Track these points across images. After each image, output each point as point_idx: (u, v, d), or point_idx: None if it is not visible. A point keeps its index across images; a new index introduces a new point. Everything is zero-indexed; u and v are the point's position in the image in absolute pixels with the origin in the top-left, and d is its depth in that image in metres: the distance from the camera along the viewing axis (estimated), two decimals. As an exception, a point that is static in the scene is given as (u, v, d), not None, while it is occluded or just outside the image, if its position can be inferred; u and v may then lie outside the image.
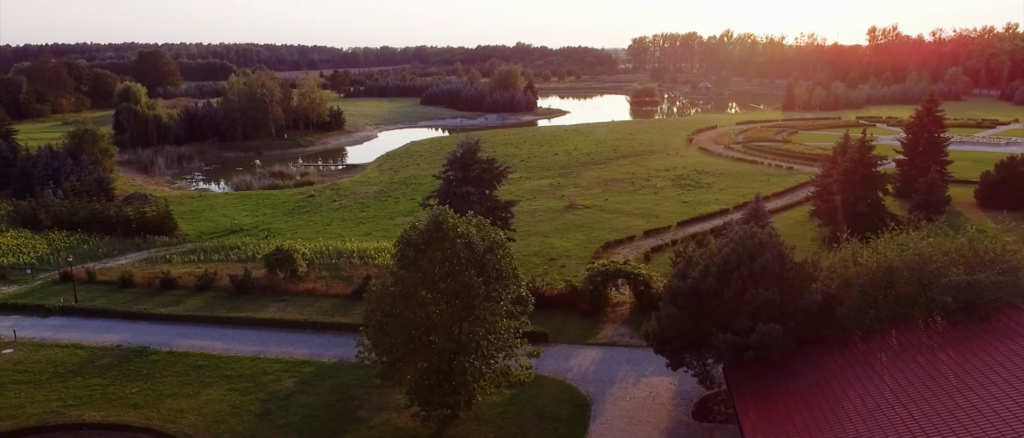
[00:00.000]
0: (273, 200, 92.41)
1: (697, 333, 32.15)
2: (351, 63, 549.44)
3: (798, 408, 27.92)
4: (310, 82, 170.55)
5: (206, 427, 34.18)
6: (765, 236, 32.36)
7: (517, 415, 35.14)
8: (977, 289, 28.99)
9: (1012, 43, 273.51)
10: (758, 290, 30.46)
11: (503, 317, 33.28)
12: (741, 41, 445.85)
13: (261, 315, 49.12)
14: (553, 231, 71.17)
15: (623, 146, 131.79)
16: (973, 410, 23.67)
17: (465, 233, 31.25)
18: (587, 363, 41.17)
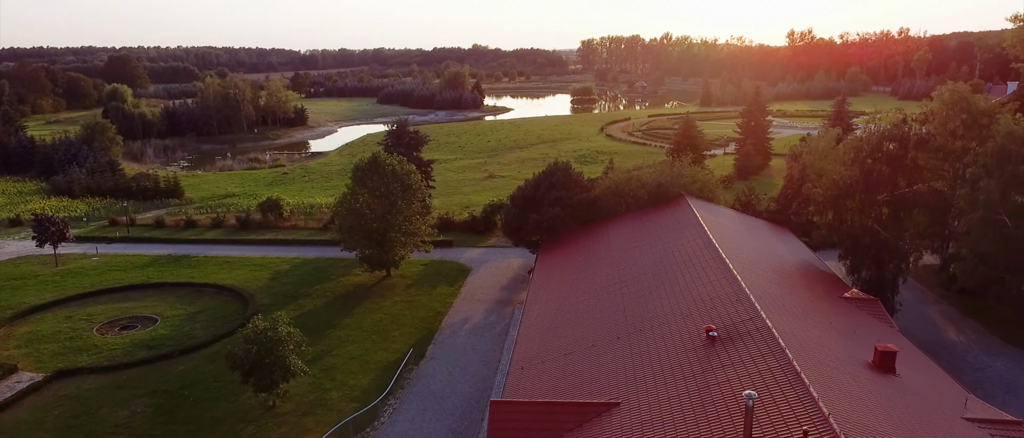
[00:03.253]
0: (254, 176, 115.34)
1: (523, 219, 56.91)
2: (310, 65, 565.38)
3: (565, 256, 52.67)
4: (276, 83, 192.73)
5: (240, 285, 57.72)
6: (562, 164, 57.36)
7: (426, 275, 59.58)
8: (668, 186, 54.36)
9: (904, 46, 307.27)
10: (552, 192, 55.37)
11: (415, 214, 57.60)
12: (679, 43, 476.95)
13: (262, 237, 72.75)
14: (472, 191, 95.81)
15: (546, 135, 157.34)
16: (651, 242, 48.77)
17: (390, 163, 55.59)
18: (474, 254, 65.87)
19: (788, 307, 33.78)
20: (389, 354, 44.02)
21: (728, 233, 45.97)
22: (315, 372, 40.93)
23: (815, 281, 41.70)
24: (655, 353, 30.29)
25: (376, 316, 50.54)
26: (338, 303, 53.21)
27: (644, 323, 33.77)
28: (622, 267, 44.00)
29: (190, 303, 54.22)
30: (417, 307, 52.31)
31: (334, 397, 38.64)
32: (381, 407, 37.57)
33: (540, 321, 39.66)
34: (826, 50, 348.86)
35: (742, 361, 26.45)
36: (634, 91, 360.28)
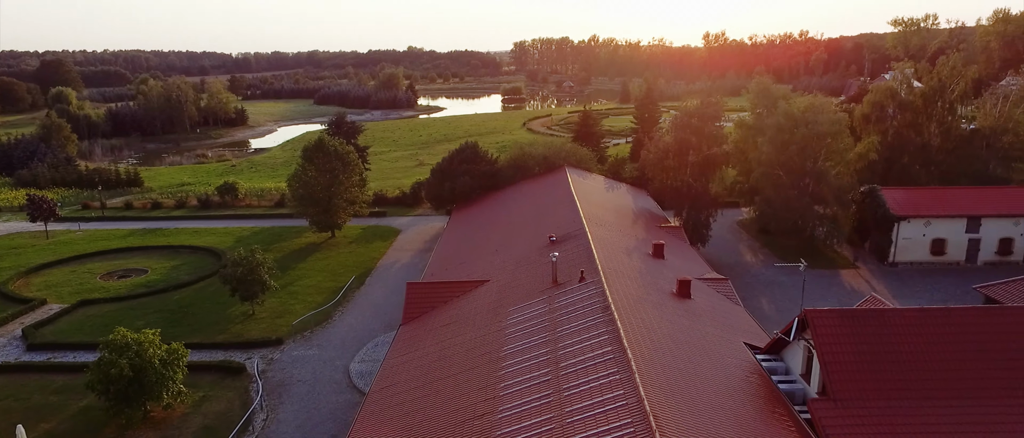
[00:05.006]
0: (204, 169, 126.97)
1: (440, 187, 72.11)
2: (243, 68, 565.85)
3: (472, 212, 68.11)
4: (217, 85, 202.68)
5: (212, 245, 71.04)
6: (471, 143, 72.83)
7: (365, 235, 74.08)
8: (552, 158, 70.40)
9: (805, 47, 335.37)
10: (462, 166, 70.79)
11: (354, 186, 72.05)
12: (605, 45, 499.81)
13: (223, 214, 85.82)
14: (404, 176, 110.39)
15: (474, 130, 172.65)
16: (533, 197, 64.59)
17: (332, 144, 70.02)
18: (404, 220, 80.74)
19: (608, 224, 50.14)
20: (338, 283, 58.57)
21: (588, 190, 62.30)
22: (282, 295, 55.19)
23: (644, 217, 58.35)
24: (515, 253, 46.12)
25: (326, 262, 64.97)
26: (294, 255, 67.34)
27: (513, 239, 49.64)
28: (510, 214, 59.93)
29: (172, 259, 67.45)
30: (358, 255, 66.94)
31: (297, 308, 53.07)
32: (333, 311, 52.27)
33: (447, 248, 55.21)
34: (737, 51, 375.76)
35: (564, 250, 42.28)
36: (562, 91, 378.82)
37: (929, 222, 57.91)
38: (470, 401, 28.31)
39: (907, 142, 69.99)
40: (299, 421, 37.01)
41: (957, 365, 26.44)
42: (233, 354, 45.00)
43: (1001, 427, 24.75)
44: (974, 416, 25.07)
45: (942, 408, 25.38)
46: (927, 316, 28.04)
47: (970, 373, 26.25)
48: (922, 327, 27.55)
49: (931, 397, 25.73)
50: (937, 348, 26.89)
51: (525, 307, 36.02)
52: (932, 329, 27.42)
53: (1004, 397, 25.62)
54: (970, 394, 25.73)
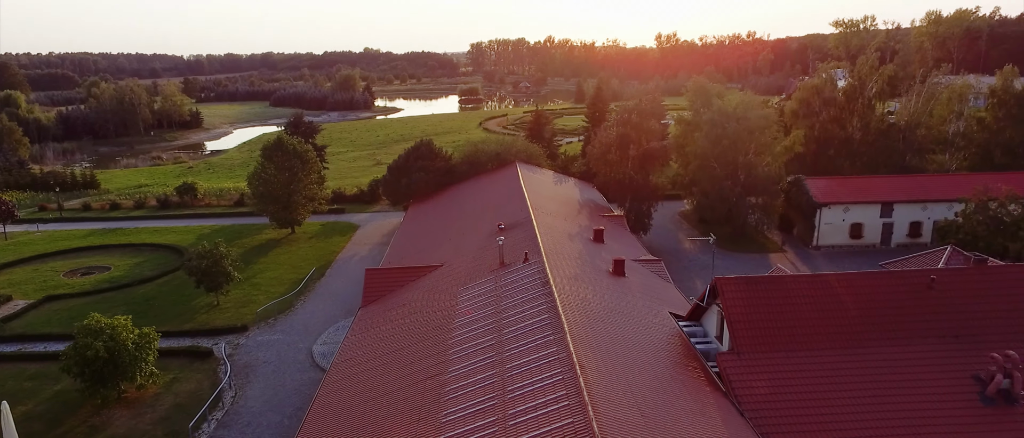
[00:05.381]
0: (161, 171, 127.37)
1: (397, 183, 75.16)
2: (196, 71, 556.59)
3: (428, 206, 71.37)
4: (171, 87, 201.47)
5: (174, 243, 72.83)
6: (426, 141, 76.03)
7: (324, 231, 76.67)
8: (503, 154, 74.01)
9: (753, 48, 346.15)
10: (417, 162, 73.97)
11: (313, 183, 74.60)
12: (561, 46, 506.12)
13: (182, 213, 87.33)
14: (362, 174, 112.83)
15: (431, 129, 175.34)
16: (485, 192, 68.09)
17: (291, 143, 72.50)
18: (362, 217, 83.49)
19: (553, 214, 53.98)
20: (299, 275, 61.24)
21: (537, 183, 66.08)
22: (245, 287, 57.69)
23: (588, 207, 62.37)
24: (468, 241, 49.62)
25: (287, 256, 67.50)
26: (255, 250, 69.66)
27: (466, 229, 53.13)
28: (463, 207, 63.39)
29: (134, 256, 69.16)
30: (318, 249, 69.59)
31: (260, 298, 55.66)
32: (295, 300, 55.02)
33: (403, 239, 58.44)
34: (689, 51, 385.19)
35: (512, 236, 45.87)
36: (519, 91, 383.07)
37: (848, 208, 63.17)
38: (424, 366, 31.72)
39: (832, 136, 75.50)
40: (266, 397, 39.89)
41: (841, 321, 30.81)
42: (200, 341, 47.52)
43: (876, 372, 29.12)
44: (854, 363, 29.42)
45: (828, 357, 29.68)
46: (816, 281, 32.45)
47: (852, 327, 30.64)
48: (812, 290, 31.91)
49: (819, 348, 30.02)
50: (825, 307, 31.23)
51: (474, 286, 39.54)
52: (820, 292, 31.79)
53: (879, 347, 30.04)
54: (851, 345, 30.10)
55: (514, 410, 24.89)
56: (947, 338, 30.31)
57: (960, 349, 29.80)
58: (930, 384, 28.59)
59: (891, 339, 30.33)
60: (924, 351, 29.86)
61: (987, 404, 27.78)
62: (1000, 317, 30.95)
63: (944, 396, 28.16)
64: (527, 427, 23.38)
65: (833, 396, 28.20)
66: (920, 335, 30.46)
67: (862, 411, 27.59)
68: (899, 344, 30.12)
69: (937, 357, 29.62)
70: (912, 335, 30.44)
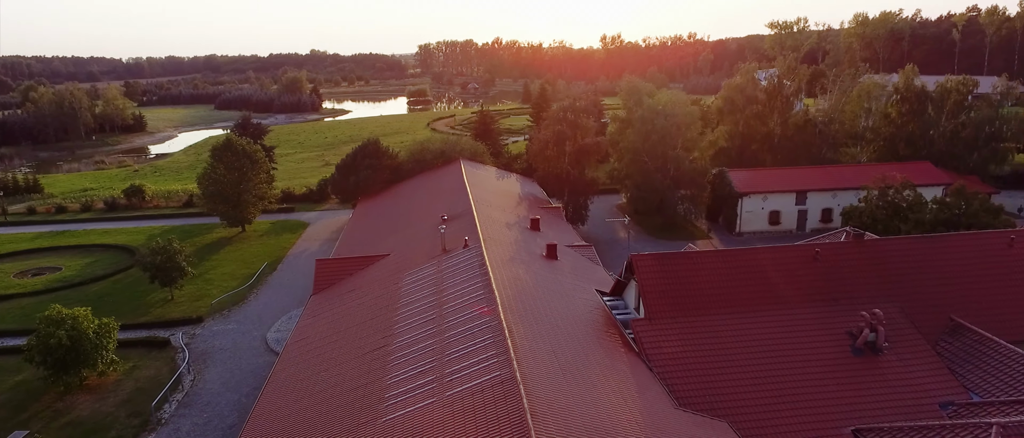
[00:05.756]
0: (106, 175, 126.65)
1: (345, 181, 77.79)
2: (136, 74, 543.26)
3: (376, 202, 74.25)
4: (113, 91, 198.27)
5: (124, 243, 74.01)
6: (373, 140, 78.88)
7: (274, 229, 78.78)
8: (448, 152, 77.37)
9: (693, 49, 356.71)
10: (365, 160, 76.79)
11: (262, 183, 76.70)
12: (508, 47, 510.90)
13: (131, 215, 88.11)
14: (311, 175, 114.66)
15: (379, 131, 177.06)
16: (430, 187, 71.29)
17: (240, 143, 74.50)
18: (312, 215, 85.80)
19: (494, 206, 57.67)
20: (251, 270, 63.50)
21: (480, 179, 69.66)
22: (198, 282, 59.75)
23: (528, 200, 66.24)
24: (413, 232, 52.92)
25: (238, 253, 69.57)
26: (207, 248, 71.47)
27: (411, 222, 56.41)
28: (410, 202, 66.58)
29: (84, 257, 70.22)
30: (269, 246, 71.81)
31: (214, 292, 57.86)
32: (247, 293, 57.42)
33: (352, 233, 61.33)
34: (633, 52, 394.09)
35: (454, 226, 49.33)
36: (467, 92, 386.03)
37: (766, 197, 68.58)
38: (371, 340, 35.01)
39: (755, 131, 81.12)
40: (223, 379, 42.51)
41: (739, 289, 35.24)
42: (157, 332, 49.66)
43: (767, 331, 33.56)
44: (749, 324, 33.83)
45: (727, 320, 34.03)
46: (719, 255, 36.93)
47: (748, 295, 35.10)
48: (716, 264, 36.33)
49: (720, 313, 34.36)
50: (726, 278, 35.64)
51: (418, 270, 42.93)
52: (722, 265, 36.23)
53: (771, 310, 34.55)
54: (747, 309, 34.53)
55: (451, 369, 28.46)
56: (827, 301, 35.03)
57: (838, 310, 34.53)
58: (812, 339, 33.20)
59: (781, 303, 34.90)
60: (808, 313, 34.51)
61: (857, 354, 32.51)
62: (871, 282, 35.88)
63: (822, 349, 32.79)
64: (461, 381, 26.99)
65: (730, 352, 32.53)
66: (805, 300, 35.12)
67: (754, 364, 31.98)
68: (788, 308, 34.71)
69: (818, 317, 34.29)
70: (799, 300, 35.07)
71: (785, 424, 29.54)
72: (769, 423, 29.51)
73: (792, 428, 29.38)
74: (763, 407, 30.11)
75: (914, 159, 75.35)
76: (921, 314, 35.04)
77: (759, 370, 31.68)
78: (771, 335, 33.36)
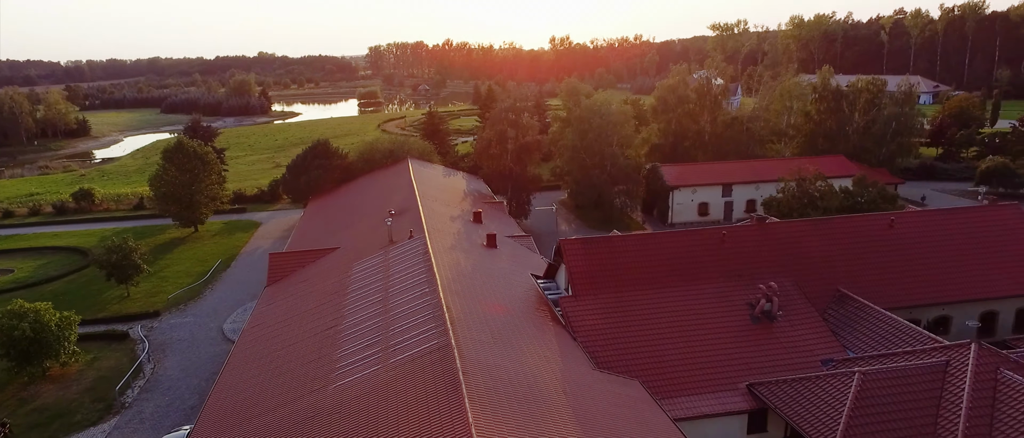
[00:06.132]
0: (51, 179, 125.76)
1: (298, 182, 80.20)
2: (76, 77, 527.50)
3: (327, 200, 76.89)
4: (55, 95, 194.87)
5: (76, 245, 75.04)
6: (323, 141, 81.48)
7: (227, 228, 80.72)
8: (397, 152, 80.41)
9: (639, 50, 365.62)
10: (315, 161, 79.37)
11: (214, 184, 78.60)
12: (459, 49, 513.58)
13: (81, 218, 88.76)
14: (261, 176, 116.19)
15: (330, 132, 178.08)
16: (379, 184, 74.31)
17: (191, 145, 76.34)
18: (264, 215, 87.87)
19: (440, 201, 61.16)
20: (205, 268, 65.65)
21: (427, 176, 73.01)
22: (153, 279, 61.73)
23: (473, 196, 69.88)
24: (362, 226, 56.05)
25: (192, 252, 71.50)
26: (161, 248, 73.14)
27: (361, 217, 59.52)
28: (359, 199, 69.54)
29: (36, 259, 71.19)
30: (222, 245, 73.87)
31: (169, 288, 59.97)
32: (202, 288, 59.71)
33: (304, 229, 64.09)
34: (581, 54, 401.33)
35: (401, 220, 52.65)
36: (418, 94, 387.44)
37: (696, 190, 73.60)
38: (323, 321, 38.20)
39: (686, 129, 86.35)
40: (183, 366, 45.06)
41: (654, 268, 39.55)
42: (115, 326, 51.72)
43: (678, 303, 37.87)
44: (663, 298, 38.10)
45: (644, 295, 38.24)
46: (638, 239, 41.20)
47: (662, 272, 39.42)
48: (634, 246, 40.59)
49: (637, 289, 38.57)
50: (643, 259, 39.91)
51: (367, 260, 46.19)
52: (640, 247, 40.52)
53: (682, 285, 38.92)
54: (661, 285, 38.83)
55: (395, 342, 31.95)
56: (731, 277, 39.60)
57: (740, 285, 39.12)
58: (716, 310, 37.68)
59: (691, 280, 39.32)
60: (714, 287, 39.00)
61: (755, 322, 37.10)
62: (770, 260, 40.62)
63: (725, 318, 37.27)
64: (403, 350, 30.52)
65: (645, 323, 36.75)
66: (712, 276, 39.63)
67: (666, 332, 36.26)
68: (696, 283, 39.15)
69: (723, 291, 38.81)
70: (706, 277, 39.56)
71: (690, 382, 33.88)
72: (676, 381, 33.80)
73: (696, 385, 33.73)
74: (672, 368, 34.39)
75: (832, 153, 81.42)
76: (812, 287, 39.92)
77: (669, 337, 35.98)
78: (681, 307, 37.73)
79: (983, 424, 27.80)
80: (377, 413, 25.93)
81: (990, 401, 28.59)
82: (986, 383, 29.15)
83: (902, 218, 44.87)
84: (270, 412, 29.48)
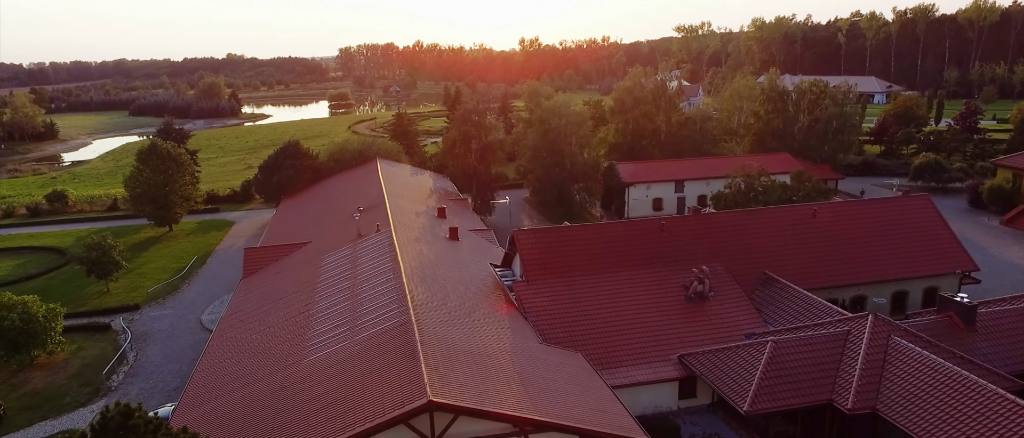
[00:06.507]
0: (21, 182, 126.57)
1: (270, 181, 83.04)
2: (39, 80, 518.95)
3: (299, 199, 79.94)
4: (22, 98, 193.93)
5: (53, 245, 77.11)
6: (293, 142, 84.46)
7: (202, 228, 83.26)
8: (366, 152, 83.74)
9: (607, 51, 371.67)
10: (287, 161, 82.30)
11: (187, 184, 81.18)
12: (430, 50, 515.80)
13: (56, 219, 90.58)
14: (233, 177, 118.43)
15: (301, 134, 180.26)
16: (349, 183, 77.57)
17: (164, 147, 78.89)
18: (237, 215, 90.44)
19: (406, 198, 64.71)
20: (181, 265, 68.33)
21: (395, 175, 76.48)
22: (131, 276, 64.34)
23: (438, 193, 73.52)
24: (333, 222, 59.41)
25: (168, 249, 74.07)
26: (137, 247, 75.56)
27: (331, 214, 62.87)
28: (330, 197, 72.80)
29: (13, 259, 73.20)
30: (197, 243, 76.51)
31: (148, 284, 62.66)
32: (180, 283, 62.55)
33: (277, 226, 67.22)
34: (550, 55, 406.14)
35: (369, 215, 56.11)
36: (389, 95, 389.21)
37: (650, 186, 77.99)
38: (296, 307, 41.61)
39: (643, 128, 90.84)
40: (165, 354, 48.04)
41: (598, 255, 43.60)
42: (98, 319, 54.43)
43: (620, 286, 41.98)
44: (606, 281, 42.16)
45: (589, 279, 42.27)
46: (584, 228, 45.23)
47: (606, 259, 43.49)
48: (581, 235, 44.62)
49: (583, 274, 42.58)
50: (589, 246, 43.96)
51: (336, 252, 49.63)
52: (587, 236, 44.56)
53: (624, 270, 43.02)
54: (605, 270, 42.89)
55: (361, 321, 35.55)
56: (668, 262, 43.82)
57: (676, 269, 43.35)
58: (653, 291, 41.85)
59: (632, 265, 43.47)
60: (652, 271, 43.18)
61: (688, 302, 41.33)
62: (704, 246, 44.94)
63: (662, 298, 41.45)
64: (369, 327, 34.14)
65: (590, 303, 40.77)
66: (651, 262, 43.82)
67: (607, 311, 40.31)
68: (637, 268, 43.30)
69: (661, 275, 43.00)
70: (646, 262, 43.73)
71: (628, 355, 37.97)
72: (615, 354, 37.86)
73: (633, 358, 37.83)
74: (611, 343, 38.46)
75: (780, 151, 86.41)
76: (741, 271, 44.32)
77: (610, 316, 40.05)
78: (622, 290, 41.84)
79: (873, 380, 32.26)
80: (345, 379, 29.56)
81: (881, 362, 33.07)
82: (879, 347, 33.64)
83: (824, 209, 49.57)
84: (250, 385, 32.92)
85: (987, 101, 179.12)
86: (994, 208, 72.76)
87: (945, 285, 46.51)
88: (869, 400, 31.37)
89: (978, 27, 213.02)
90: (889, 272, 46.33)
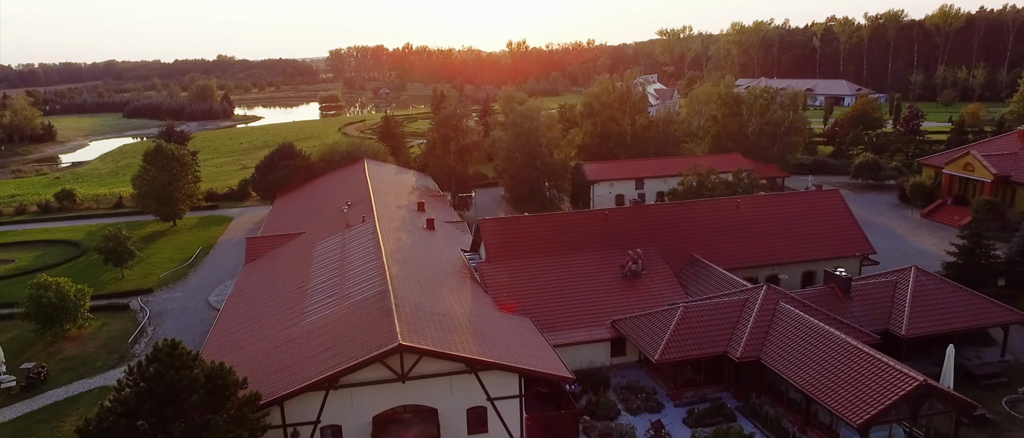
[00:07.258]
0: (28, 182, 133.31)
1: (266, 179, 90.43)
2: (30, 81, 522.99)
3: (290, 198, 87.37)
4: (20, 101, 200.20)
5: (68, 239, 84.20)
6: (287, 143, 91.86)
7: (203, 223, 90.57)
8: (354, 153, 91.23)
9: (592, 54, 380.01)
10: (281, 161, 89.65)
11: (190, 182, 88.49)
12: (419, 52, 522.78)
13: (66, 215, 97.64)
14: (230, 177, 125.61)
15: (292, 135, 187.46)
16: (338, 181, 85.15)
17: (169, 148, 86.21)
18: (235, 211, 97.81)
19: (390, 194, 72.38)
20: (187, 255, 75.69)
21: (380, 174, 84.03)
22: (142, 265, 71.67)
23: (420, 190, 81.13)
24: (324, 215, 67.00)
25: (173, 242, 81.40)
26: (144, 240, 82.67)
27: (322, 208, 70.47)
28: (321, 194, 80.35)
29: (32, 251, 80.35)
30: (200, 236, 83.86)
31: (158, 271, 70.03)
32: (187, 270, 69.97)
33: (274, 220, 74.76)
34: (537, 57, 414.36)
35: (356, 209, 63.62)
36: (379, 97, 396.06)
37: (613, 184, 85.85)
38: (293, 284, 49.19)
39: (610, 131, 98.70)
40: (178, 328, 55.44)
41: (550, 240, 51.37)
42: (117, 300, 61.79)
43: (567, 266, 49.72)
44: (556, 262, 49.92)
45: (542, 260, 50.01)
46: (542, 218, 53.11)
47: (556, 243, 51.28)
48: (536, 224, 52.45)
49: (537, 256, 50.32)
50: (542, 233, 51.74)
51: (327, 240, 57.22)
52: (541, 224, 52.39)
53: (571, 253, 50.79)
54: (555, 253, 50.66)
55: (348, 292, 43.18)
56: (610, 247, 51.66)
57: (616, 252, 51.18)
58: (595, 270, 49.66)
59: (578, 249, 51.28)
60: (596, 254, 51.00)
61: (624, 278, 49.17)
62: (641, 233, 52.82)
63: (602, 277, 49.25)
64: (354, 296, 41.78)
65: (542, 280, 48.51)
66: (595, 246, 51.64)
67: (555, 286, 48.08)
68: (582, 251, 51.11)
69: (603, 257, 50.83)
70: (590, 246, 51.55)
71: (569, 321, 45.76)
72: (559, 320, 45.64)
73: (574, 322, 45.62)
74: (557, 311, 46.23)
75: (734, 151, 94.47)
76: (672, 253, 52.19)
77: (557, 290, 47.83)
78: (569, 268, 49.65)
79: (760, 336, 40.18)
80: (335, 333, 37.24)
81: (768, 322, 40.99)
82: (767, 311, 41.58)
83: (747, 201, 57.59)
84: (257, 341, 40.54)
85: (948, 104, 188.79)
86: (917, 202, 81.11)
87: (848, 266, 54.53)
88: (754, 351, 39.28)
89: (944, 32, 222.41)
90: (800, 255, 54.33)
